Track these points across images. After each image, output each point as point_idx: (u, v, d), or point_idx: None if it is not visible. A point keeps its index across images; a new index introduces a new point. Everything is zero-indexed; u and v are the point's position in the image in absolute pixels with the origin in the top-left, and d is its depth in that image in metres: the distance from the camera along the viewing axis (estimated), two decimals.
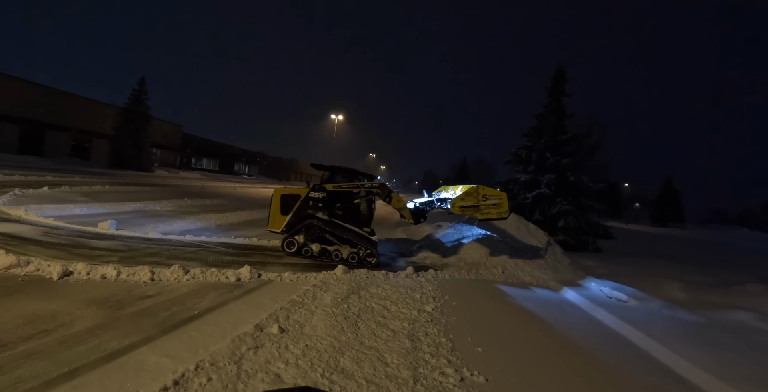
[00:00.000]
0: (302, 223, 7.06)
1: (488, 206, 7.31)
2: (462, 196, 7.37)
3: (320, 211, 7.09)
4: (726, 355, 4.18)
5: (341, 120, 38.22)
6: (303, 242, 7.05)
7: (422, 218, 7.60)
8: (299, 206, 7.13)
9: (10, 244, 5.35)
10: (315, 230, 7.08)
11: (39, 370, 2.53)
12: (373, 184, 7.28)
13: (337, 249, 7.06)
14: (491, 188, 7.55)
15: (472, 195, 7.32)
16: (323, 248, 7.06)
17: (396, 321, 4.22)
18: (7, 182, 11.71)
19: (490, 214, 7.36)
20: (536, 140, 14.55)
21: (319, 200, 7.11)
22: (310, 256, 7.02)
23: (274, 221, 7.24)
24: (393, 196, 7.19)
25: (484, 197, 7.31)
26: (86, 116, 28.39)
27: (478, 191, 7.35)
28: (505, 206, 7.39)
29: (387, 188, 7.21)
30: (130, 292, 4.16)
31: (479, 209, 7.31)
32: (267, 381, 2.70)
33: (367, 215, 7.31)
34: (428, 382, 2.99)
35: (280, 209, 7.21)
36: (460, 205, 7.32)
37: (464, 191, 7.43)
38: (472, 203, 7.32)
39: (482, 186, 7.51)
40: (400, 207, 7.36)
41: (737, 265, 12.21)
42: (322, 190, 7.16)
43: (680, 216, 56.15)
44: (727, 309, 5.86)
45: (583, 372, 3.63)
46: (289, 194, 7.33)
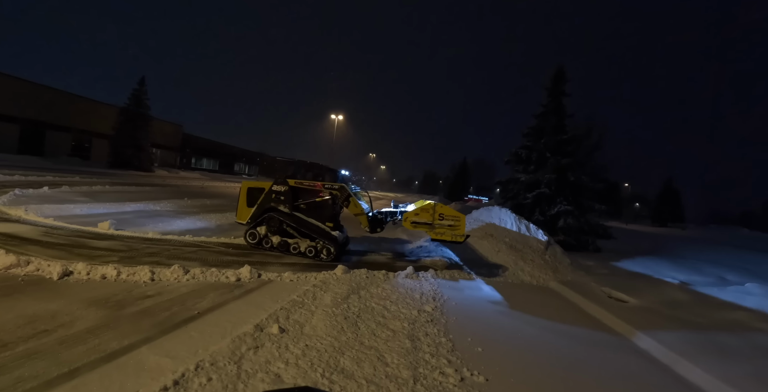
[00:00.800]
0: (264, 215, 7.23)
1: (443, 226, 7.04)
2: (417, 211, 7.20)
3: (282, 204, 7.23)
4: (726, 355, 4.18)
5: (341, 120, 38.25)
6: (264, 234, 7.22)
7: (379, 228, 7.48)
8: (263, 199, 7.32)
9: (10, 244, 5.35)
10: (275, 223, 7.21)
11: (39, 370, 2.53)
12: (333, 185, 7.33)
13: (296, 242, 7.18)
14: (450, 209, 7.26)
15: (428, 212, 7.13)
16: (283, 240, 7.19)
17: (396, 321, 4.22)
18: (7, 182, 11.72)
19: (444, 235, 7.04)
20: (536, 140, 14.54)
21: (281, 193, 7.26)
22: (270, 247, 7.20)
23: (241, 213, 7.50)
24: (351, 200, 7.20)
25: (441, 216, 7.06)
26: (86, 116, 28.42)
27: (435, 209, 7.13)
28: (461, 230, 7.04)
29: (347, 191, 7.20)
30: (130, 292, 4.16)
31: (433, 227, 7.09)
32: (267, 381, 2.70)
33: (330, 211, 7.36)
34: (428, 382, 2.99)
35: (246, 202, 7.47)
36: (413, 220, 7.16)
37: (420, 207, 7.28)
38: (426, 220, 7.12)
39: (441, 205, 7.28)
40: (356, 213, 7.31)
41: (737, 265, 12.21)
42: (285, 184, 7.31)
43: (680, 216, 56.15)
44: (726, 308, 5.87)
45: (583, 372, 3.63)
46: (255, 187, 7.55)
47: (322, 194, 7.30)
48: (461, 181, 63.55)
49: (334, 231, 7.16)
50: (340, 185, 7.30)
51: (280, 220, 7.17)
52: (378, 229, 7.46)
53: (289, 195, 7.24)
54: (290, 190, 7.27)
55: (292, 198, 7.25)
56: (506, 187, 15.28)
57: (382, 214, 7.59)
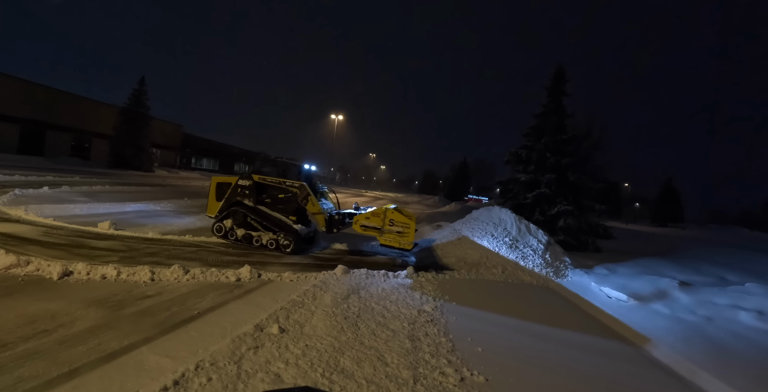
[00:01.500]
0: (230, 209, 7.51)
1: (392, 232, 7.07)
2: (368, 215, 7.27)
3: (247, 198, 7.49)
4: (726, 355, 4.18)
5: (341, 120, 38.25)
6: (230, 227, 7.48)
7: (335, 229, 7.52)
8: (230, 193, 7.62)
9: (10, 244, 5.35)
10: (240, 216, 7.44)
11: (39, 370, 2.54)
12: (293, 183, 7.48)
13: (259, 235, 7.41)
14: (402, 215, 7.18)
15: (378, 216, 7.19)
16: (247, 233, 7.41)
17: (396, 321, 4.23)
18: (7, 182, 11.72)
19: (392, 241, 7.05)
20: (536, 140, 14.53)
21: (246, 187, 7.52)
22: (235, 240, 7.44)
23: (211, 207, 7.86)
24: (309, 199, 7.31)
25: (391, 222, 7.06)
26: (86, 116, 28.41)
27: (386, 214, 7.19)
28: (410, 237, 6.98)
29: (306, 190, 7.31)
30: (130, 292, 4.16)
31: (382, 232, 7.15)
32: (267, 381, 2.70)
33: (295, 205, 7.48)
34: (428, 382, 2.99)
35: (215, 196, 7.83)
36: (363, 223, 7.26)
37: (371, 211, 7.34)
38: (376, 224, 7.18)
39: (392, 211, 7.28)
40: (313, 212, 7.41)
41: (737, 265, 12.20)
42: (249, 178, 7.55)
43: (680, 216, 56.09)
44: (727, 308, 5.86)
45: (583, 372, 3.63)
46: (223, 182, 7.88)
47: (285, 190, 7.52)
48: (461, 181, 63.46)
49: (297, 225, 7.32)
50: (300, 183, 7.45)
51: (244, 213, 7.42)
52: (334, 229, 7.54)
53: (253, 190, 7.49)
54: (254, 185, 7.52)
55: (256, 193, 7.50)
56: (506, 187, 15.26)
57: (341, 215, 7.70)
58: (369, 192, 53.60)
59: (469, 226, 9.68)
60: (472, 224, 9.71)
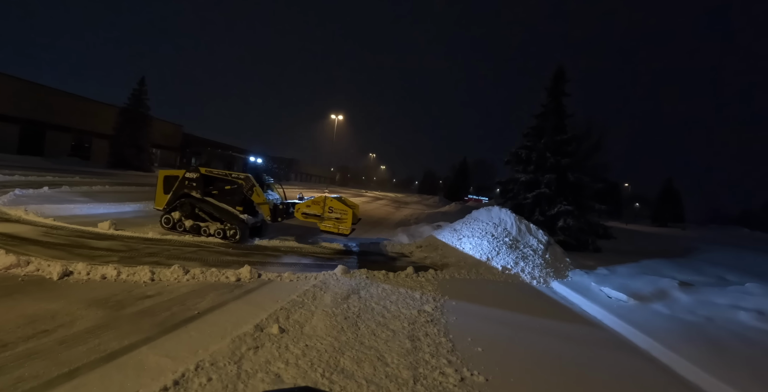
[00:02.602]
0: (178, 201, 7.75)
1: (331, 218, 7.58)
2: (308, 203, 7.76)
3: (194, 190, 7.74)
4: (726, 355, 4.18)
5: (341, 120, 38.22)
6: (178, 219, 7.75)
7: (279, 218, 7.87)
8: (177, 186, 7.83)
9: (10, 244, 5.35)
10: (188, 208, 7.71)
11: (39, 370, 2.54)
12: (239, 175, 7.75)
13: (207, 225, 7.66)
14: (340, 203, 7.74)
15: (318, 204, 7.69)
16: (195, 224, 7.70)
17: (396, 321, 4.23)
18: (7, 182, 11.72)
19: (331, 227, 7.61)
20: (536, 140, 14.52)
21: (193, 180, 7.77)
22: (183, 231, 7.70)
23: (159, 200, 8.07)
24: (254, 190, 7.62)
25: (330, 209, 7.61)
26: (86, 116, 28.40)
27: (325, 202, 7.67)
28: (347, 223, 7.53)
29: (251, 182, 7.62)
30: (130, 292, 4.16)
31: (322, 219, 7.64)
32: (267, 381, 2.70)
33: (241, 196, 7.72)
34: (428, 382, 3.00)
35: (163, 189, 8.03)
36: (304, 211, 7.74)
37: (312, 200, 7.81)
38: (316, 212, 7.67)
39: (331, 199, 7.77)
40: (258, 202, 7.68)
41: (737, 265, 12.20)
42: (196, 171, 7.78)
43: (680, 216, 56.07)
44: (727, 308, 5.86)
45: (583, 372, 3.63)
46: (171, 175, 8.09)
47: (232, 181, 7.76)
48: (461, 181, 63.47)
49: (244, 215, 7.59)
50: (245, 175, 7.71)
51: (192, 205, 7.67)
52: (279, 218, 7.88)
53: (200, 182, 7.73)
54: (202, 177, 7.75)
55: (203, 185, 7.73)
56: (506, 187, 15.25)
57: (285, 205, 8.04)
58: (369, 192, 53.61)
59: (469, 226, 9.68)
60: (472, 225, 9.71)
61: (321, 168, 78.89)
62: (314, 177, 75.33)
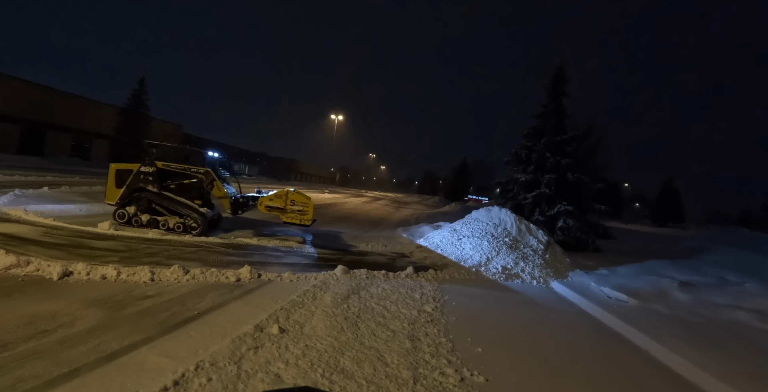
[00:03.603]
0: (133, 195, 7.69)
1: (293, 211, 7.79)
2: (271, 197, 7.92)
3: (151, 184, 7.70)
4: (726, 355, 4.18)
5: (341, 120, 38.24)
6: (133, 213, 7.68)
7: (240, 211, 8.03)
8: (131, 180, 7.77)
9: (10, 244, 5.35)
10: (144, 202, 7.65)
11: (39, 370, 2.53)
12: (198, 169, 7.79)
13: (165, 219, 7.66)
14: (302, 196, 7.95)
15: (281, 198, 7.85)
16: (152, 218, 7.66)
17: (396, 321, 4.22)
18: (7, 182, 11.72)
19: (294, 219, 7.84)
20: (536, 140, 14.52)
21: (149, 174, 7.72)
22: (140, 225, 7.61)
23: (110, 194, 7.93)
24: (215, 184, 7.72)
25: (292, 202, 7.82)
26: (86, 116, 28.42)
27: (287, 195, 7.86)
28: (309, 215, 7.79)
29: (211, 176, 7.71)
30: (130, 292, 4.16)
31: (285, 212, 7.82)
32: (267, 382, 2.70)
33: (199, 190, 7.79)
34: (428, 382, 2.99)
35: (115, 183, 7.90)
36: (267, 204, 7.89)
37: (275, 193, 7.98)
38: (279, 204, 7.83)
39: (293, 191, 7.98)
40: (219, 196, 7.80)
41: (737, 265, 12.20)
42: (153, 165, 7.76)
43: (680, 216, 56.06)
44: (727, 308, 5.86)
45: (583, 373, 3.63)
46: (123, 169, 7.98)
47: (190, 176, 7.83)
48: (461, 181, 63.48)
49: (203, 208, 7.66)
50: (205, 169, 7.77)
51: (148, 199, 7.62)
52: (239, 211, 8.01)
53: (157, 176, 7.70)
54: (158, 171, 7.73)
55: (160, 179, 7.72)
56: (506, 187, 15.26)
57: (245, 198, 8.17)
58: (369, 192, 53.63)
59: (469, 226, 9.68)
60: (472, 225, 9.71)
61: (321, 168, 78.94)
62: (314, 177, 75.34)
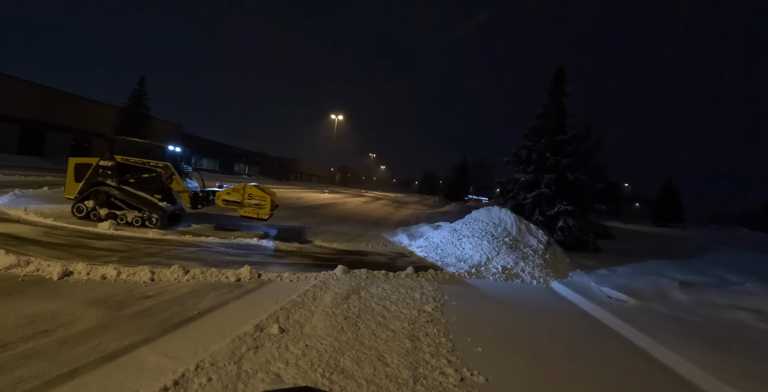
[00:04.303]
0: (91, 189, 7.71)
1: (251, 204, 7.86)
2: (228, 190, 8.01)
3: (110, 179, 7.74)
4: (726, 355, 4.18)
5: (341, 120, 38.26)
6: (92, 207, 7.70)
7: (199, 205, 8.09)
8: (90, 174, 7.79)
9: (10, 244, 5.35)
10: (102, 196, 7.68)
11: (39, 370, 2.53)
12: (157, 163, 7.83)
13: (124, 214, 7.69)
14: (259, 190, 7.97)
15: (238, 192, 7.93)
16: (111, 212, 7.69)
17: (396, 321, 4.22)
18: (8, 182, 11.73)
19: (250, 212, 7.90)
20: (536, 140, 14.52)
21: (108, 168, 7.76)
22: (98, 219, 7.62)
23: (69, 188, 7.97)
24: (174, 178, 7.78)
25: (250, 196, 7.87)
26: (86, 116, 28.41)
27: (245, 190, 7.92)
28: (266, 209, 7.82)
29: (170, 170, 7.76)
30: (130, 292, 4.16)
31: (242, 205, 7.89)
32: (267, 381, 2.70)
33: (159, 184, 7.85)
34: (428, 382, 2.99)
35: (74, 177, 7.93)
36: (224, 198, 7.97)
37: (232, 187, 8.06)
38: (236, 198, 7.91)
39: (250, 185, 8.01)
40: (178, 190, 7.87)
41: (737, 265, 12.20)
42: (112, 159, 7.80)
43: (680, 216, 56.05)
44: (727, 308, 5.86)
45: (583, 372, 3.63)
46: (83, 163, 8.01)
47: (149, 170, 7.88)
48: (461, 181, 63.52)
49: (163, 202, 7.70)
50: (164, 163, 7.81)
51: (107, 193, 7.63)
52: (199, 206, 8.08)
53: (116, 170, 7.73)
54: (117, 165, 7.75)
55: (119, 173, 7.74)
56: (506, 187, 15.25)
57: (205, 192, 8.23)
58: (369, 192, 53.63)
59: (469, 226, 9.68)
60: (472, 225, 9.70)
61: (321, 168, 78.97)
62: (314, 177, 75.35)
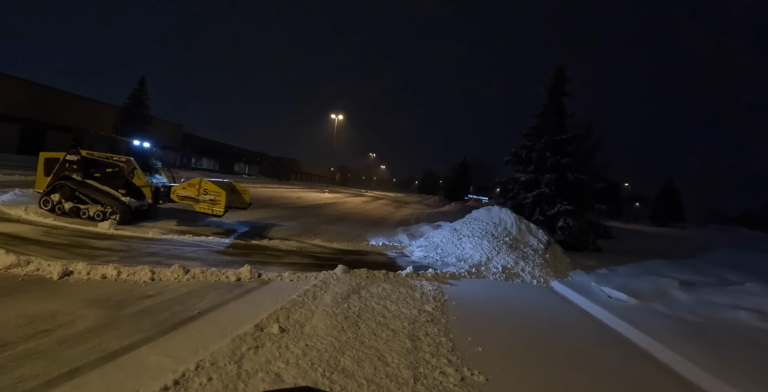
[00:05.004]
0: (57, 183, 7.82)
1: (205, 200, 7.76)
2: (184, 185, 7.94)
3: (75, 173, 7.85)
4: (726, 354, 4.18)
5: (341, 120, 38.26)
6: (58, 201, 7.81)
7: (161, 200, 8.17)
8: (57, 168, 7.90)
9: (11, 244, 5.36)
10: (67, 190, 7.79)
11: (39, 370, 2.53)
12: (120, 158, 7.93)
13: (87, 208, 7.76)
14: (214, 185, 7.86)
15: (194, 187, 7.84)
16: (75, 206, 7.78)
17: (396, 320, 4.22)
18: (8, 182, 11.73)
19: (205, 209, 7.78)
20: (536, 139, 14.51)
21: (73, 162, 7.85)
22: (62, 213, 7.75)
23: (39, 182, 8.14)
24: (135, 173, 7.82)
25: (205, 191, 7.74)
26: (86, 116, 28.41)
27: (200, 185, 7.80)
28: (221, 205, 7.70)
29: (132, 165, 7.82)
30: (130, 292, 4.16)
31: (197, 201, 7.80)
32: (267, 381, 2.70)
33: (123, 179, 7.91)
34: (428, 382, 2.99)
35: (44, 171, 8.07)
36: (179, 193, 7.92)
37: (187, 182, 7.99)
38: (191, 193, 7.83)
39: (206, 180, 7.92)
40: (139, 185, 7.89)
41: (737, 265, 12.20)
42: (77, 154, 7.89)
43: (680, 216, 56.07)
44: (727, 308, 5.86)
45: (584, 371, 3.63)
46: (52, 157, 8.14)
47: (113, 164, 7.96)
48: (461, 181, 63.53)
49: (126, 197, 7.77)
50: (126, 158, 7.89)
51: (71, 187, 7.72)
52: (161, 201, 8.17)
53: (81, 164, 7.82)
54: (82, 160, 7.84)
55: (84, 167, 7.83)
56: (506, 187, 15.24)
57: (167, 188, 8.30)
58: (369, 192, 53.63)
59: (469, 226, 9.67)
60: (473, 224, 9.70)
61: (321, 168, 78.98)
62: (314, 177, 75.35)
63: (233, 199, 9.06)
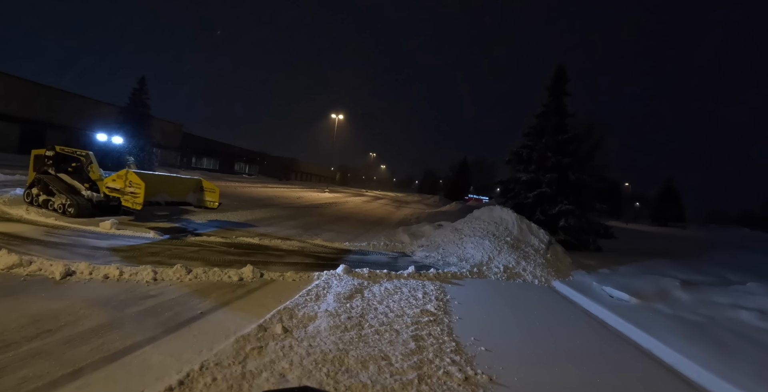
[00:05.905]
0: (36, 177, 8.35)
1: (128, 193, 7.23)
2: (114, 177, 7.53)
3: (50, 167, 8.28)
4: (728, 354, 4.18)
5: (342, 119, 38.26)
6: (36, 194, 8.25)
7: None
8: (38, 163, 8.47)
9: (12, 244, 5.35)
10: (42, 184, 8.20)
11: (43, 370, 2.53)
12: (81, 152, 8.20)
13: (53, 200, 8.03)
14: (137, 176, 7.11)
15: (122, 178, 7.30)
16: (46, 198, 8.13)
17: (399, 320, 4.22)
18: (8, 182, 11.72)
19: (128, 202, 7.20)
20: (537, 139, 14.50)
21: (49, 157, 8.28)
22: (38, 206, 8.18)
23: (30, 177, 8.61)
24: (91, 168, 8.00)
25: (130, 184, 7.14)
26: (86, 116, 28.37)
27: (127, 176, 7.17)
28: (140, 198, 7.01)
29: (90, 158, 8.03)
30: (132, 292, 4.16)
31: (124, 193, 7.25)
32: (272, 381, 2.70)
33: (87, 173, 8.12)
34: (433, 381, 2.99)
35: (33, 167, 8.61)
36: (108, 185, 7.61)
37: (117, 174, 7.52)
38: (119, 186, 7.32)
39: (132, 172, 7.21)
40: (94, 179, 8.02)
41: (738, 264, 12.21)
42: (53, 149, 8.33)
43: (681, 215, 56.11)
44: (728, 308, 5.86)
45: (586, 371, 3.63)
46: (38, 154, 8.59)
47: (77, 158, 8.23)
48: (461, 180, 63.45)
49: (88, 191, 7.94)
50: (86, 152, 8.13)
51: (45, 181, 8.08)
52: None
53: (56, 159, 8.22)
54: (57, 155, 8.22)
55: (58, 162, 8.22)
56: (507, 186, 15.24)
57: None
58: (369, 192, 53.64)
59: (471, 225, 9.67)
60: (474, 224, 9.70)
61: (321, 168, 78.98)
62: (314, 177, 75.35)
63: (198, 198, 8.78)
